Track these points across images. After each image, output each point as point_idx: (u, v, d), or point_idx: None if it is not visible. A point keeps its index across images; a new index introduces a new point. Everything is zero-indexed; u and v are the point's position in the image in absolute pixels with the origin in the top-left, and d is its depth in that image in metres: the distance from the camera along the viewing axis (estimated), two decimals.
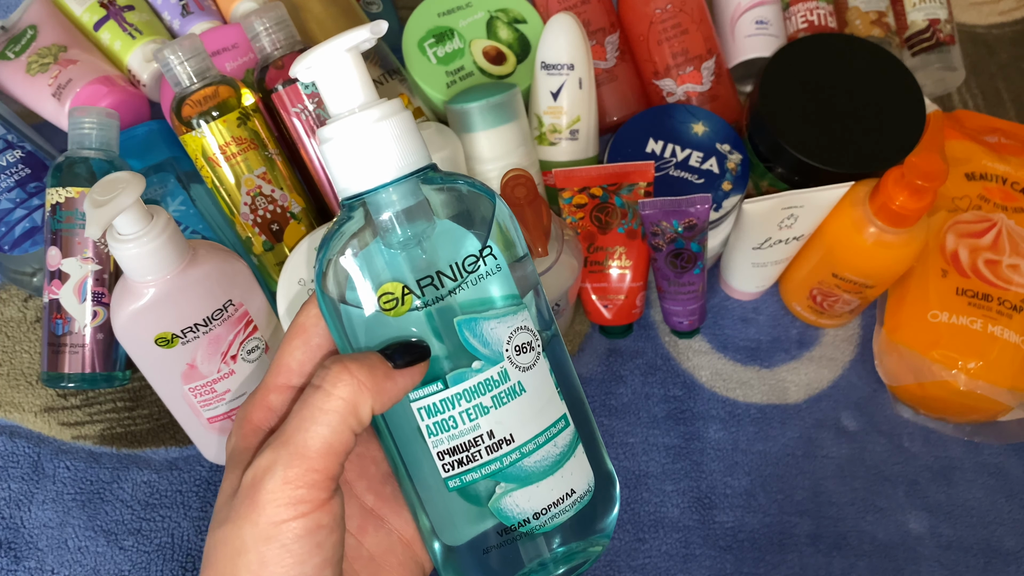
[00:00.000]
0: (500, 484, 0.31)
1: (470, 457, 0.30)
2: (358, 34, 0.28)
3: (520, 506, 0.31)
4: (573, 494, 0.32)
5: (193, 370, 0.48)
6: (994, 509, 0.60)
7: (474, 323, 0.30)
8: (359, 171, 0.28)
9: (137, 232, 0.42)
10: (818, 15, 0.67)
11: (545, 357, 0.32)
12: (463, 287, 0.30)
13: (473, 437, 0.30)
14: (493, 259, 0.30)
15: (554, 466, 0.31)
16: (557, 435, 0.32)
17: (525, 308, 0.31)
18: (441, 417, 0.30)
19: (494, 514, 0.31)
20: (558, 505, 0.32)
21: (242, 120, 0.53)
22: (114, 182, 0.41)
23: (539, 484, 0.31)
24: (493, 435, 0.30)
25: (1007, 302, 0.57)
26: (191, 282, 0.45)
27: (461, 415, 0.30)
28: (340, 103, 0.29)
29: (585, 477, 0.33)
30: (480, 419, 0.30)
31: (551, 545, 0.32)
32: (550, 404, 0.32)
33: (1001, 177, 0.62)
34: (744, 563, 0.57)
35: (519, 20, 0.64)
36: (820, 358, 0.64)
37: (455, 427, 0.30)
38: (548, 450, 0.31)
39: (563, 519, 0.32)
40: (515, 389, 0.30)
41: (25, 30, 0.65)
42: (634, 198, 0.56)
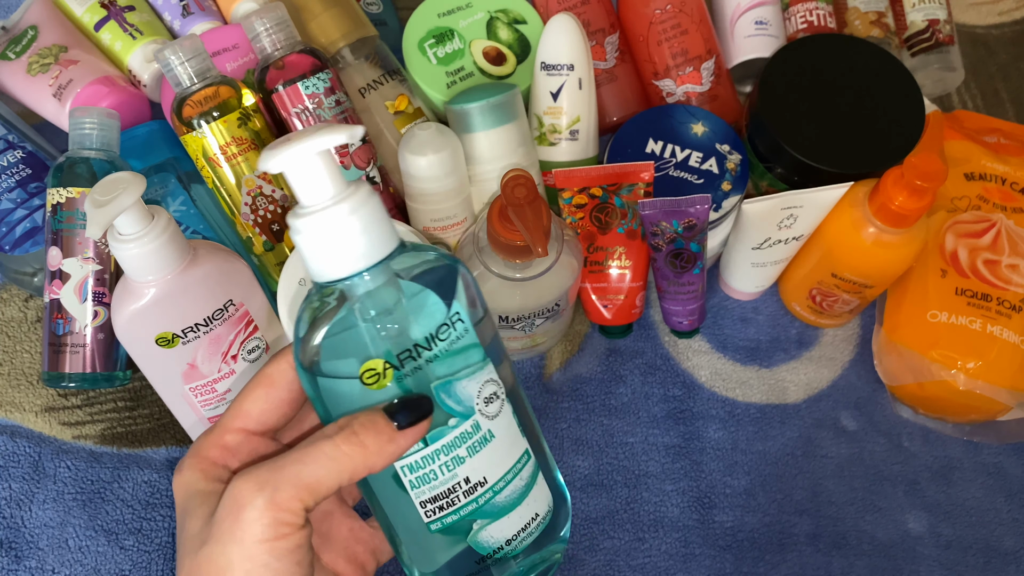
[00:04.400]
0: (477, 521, 0.34)
1: (449, 503, 0.33)
2: (333, 138, 0.29)
3: (495, 537, 0.34)
4: (537, 517, 0.36)
5: (194, 370, 0.49)
6: (993, 509, 0.60)
7: (449, 385, 0.32)
8: (333, 261, 0.30)
9: (138, 232, 0.42)
10: (817, 15, 0.67)
11: (508, 401, 0.34)
12: (438, 355, 0.32)
13: (452, 485, 0.33)
14: (461, 323, 0.33)
15: (521, 496, 0.35)
16: (522, 469, 0.35)
17: (490, 362, 0.34)
18: (423, 472, 0.32)
19: (472, 547, 0.34)
20: (526, 529, 0.35)
21: (243, 120, 0.53)
22: (115, 182, 0.41)
23: (510, 515, 0.34)
24: (469, 480, 0.33)
25: (1006, 302, 0.57)
26: (192, 282, 0.45)
27: (440, 468, 0.32)
28: (311, 197, 0.29)
29: (546, 500, 0.36)
30: (457, 468, 0.33)
31: (519, 562, 0.35)
32: (515, 443, 0.35)
33: (1000, 177, 0.62)
34: (744, 562, 0.58)
35: (519, 21, 0.65)
36: (819, 358, 0.64)
37: (435, 479, 0.33)
38: (516, 484, 0.35)
39: (530, 540, 0.35)
40: (486, 437, 0.33)
41: (26, 30, 0.65)
42: (634, 198, 0.56)
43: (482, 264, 0.51)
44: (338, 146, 0.30)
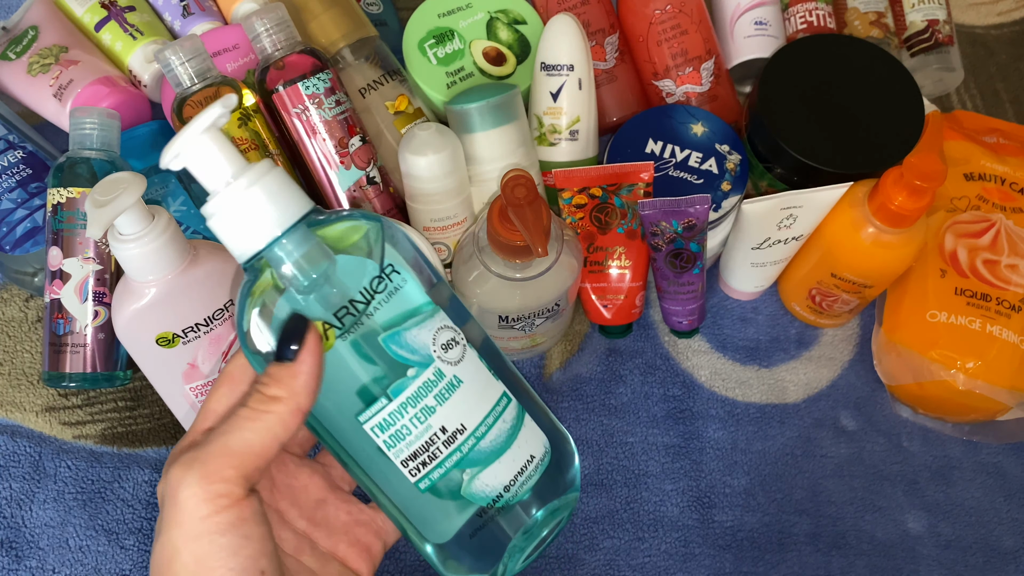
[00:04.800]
0: (466, 471, 0.33)
1: (431, 456, 0.32)
2: (211, 112, 0.30)
3: (490, 485, 0.33)
4: (533, 459, 0.35)
5: (194, 370, 0.49)
6: (993, 508, 0.60)
7: (397, 336, 0.32)
8: (247, 235, 0.30)
9: (138, 232, 0.42)
10: (817, 16, 0.67)
11: (471, 347, 0.34)
12: (378, 307, 0.32)
13: (429, 437, 0.32)
14: (397, 274, 0.33)
15: (509, 440, 0.34)
16: (503, 411, 0.34)
17: (440, 310, 0.34)
18: (394, 429, 0.32)
19: (469, 500, 0.33)
20: (524, 472, 0.34)
21: (243, 121, 0.53)
22: (115, 182, 0.41)
23: (501, 460, 0.34)
24: (446, 430, 0.32)
25: (1006, 302, 0.57)
26: (192, 282, 0.46)
27: (412, 421, 0.32)
28: (213, 181, 0.30)
29: (540, 441, 0.35)
30: (430, 419, 0.32)
31: (529, 512, 0.34)
32: (489, 387, 0.34)
33: (1000, 177, 0.62)
34: (743, 562, 0.58)
35: (519, 21, 0.65)
36: (819, 358, 0.64)
37: (410, 433, 0.32)
38: (499, 427, 0.34)
39: (532, 483, 0.34)
40: (453, 383, 0.33)
41: (26, 31, 0.66)
42: (634, 198, 0.57)
43: (482, 264, 0.51)
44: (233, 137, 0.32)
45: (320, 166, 0.56)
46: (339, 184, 0.56)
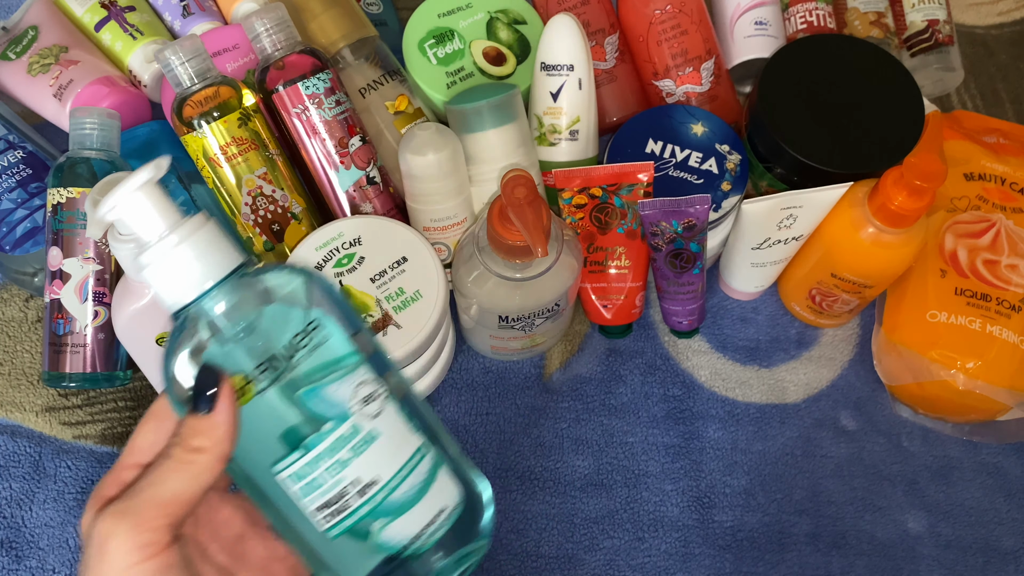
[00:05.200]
0: (376, 521, 0.34)
1: (343, 506, 0.33)
2: (144, 174, 0.32)
3: (400, 534, 0.34)
4: (444, 511, 0.35)
5: None
6: (993, 508, 0.60)
7: (316, 391, 0.33)
8: (177, 288, 0.31)
9: None
10: (817, 16, 0.67)
11: (392, 399, 0.35)
12: (301, 360, 0.32)
13: (341, 489, 0.33)
14: (321, 329, 0.33)
15: (421, 492, 0.35)
16: (418, 464, 0.35)
17: (363, 363, 0.34)
18: (307, 480, 0.33)
19: (378, 548, 0.34)
20: (433, 523, 0.35)
21: (243, 121, 0.53)
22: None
23: (412, 511, 0.34)
24: (359, 482, 0.33)
25: (1006, 302, 0.57)
26: None
27: (325, 473, 0.33)
28: (147, 233, 0.32)
29: (453, 492, 0.36)
30: (343, 472, 0.33)
31: (437, 559, 0.35)
32: (405, 440, 0.35)
33: (1000, 177, 0.62)
34: (743, 562, 0.58)
35: (519, 21, 0.65)
36: (819, 358, 0.64)
37: (322, 485, 0.33)
38: (412, 480, 0.35)
39: (441, 533, 0.35)
40: (369, 437, 0.33)
41: (26, 31, 0.66)
42: (633, 198, 0.57)
43: (482, 264, 0.51)
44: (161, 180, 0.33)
45: (320, 166, 0.56)
46: (339, 184, 0.56)
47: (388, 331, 0.50)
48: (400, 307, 0.50)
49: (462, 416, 0.61)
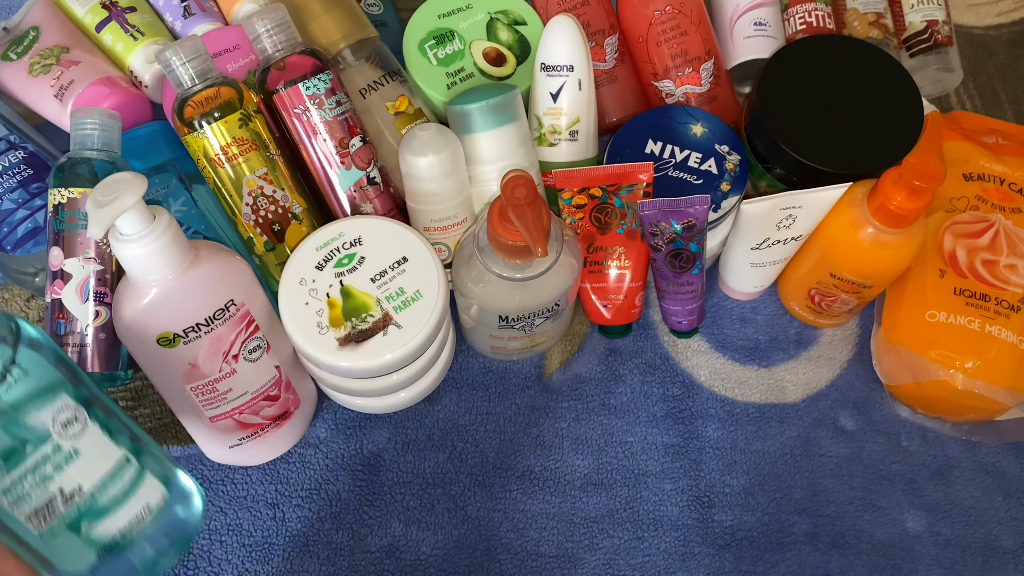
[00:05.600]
0: (85, 521, 0.40)
1: (51, 512, 0.39)
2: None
3: (108, 531, 0.41)
4: (150, 507, 0.43)
5: (195, 370, 0.49)
6: (992, 508, 0.60)
7: (15, 421, 0.38)
8: None
9: (139, 232, 0.43)
10: (816, 16, 0.67)
11: (95, 420, 0.41)
12: (6, 390, 0.38)
13: (48, 499, 0.39)
14: (20, 369, 0.38)
15: (126, 494, 0.42)
16: (122, 472, 0.42)
17: (64, 393, 0.39)
18: (15, 494, 0.38)
19: (91, 543, 0.41)
20: (140, 520, 0.43)
21: (244, 121, 0.53)
22: (116, 183, 0.41)
23: (118, 511, 0.42)
24: (63, 491, 0.40)
25: (1004, 302, 0.57)
26: (193, 282, 0.46)
27: (31, 487, 0.39)
28: None
29: (158, 492, 0.44)
30: (48, 485, 0.39)
31: (147, 548, 0.43)
32: (107, 453, 0.41)
33: (999, 178, 0.62)
34: (743, 561, 0.58)
35: (519, 22, 0.65)
36: (818, 358, 0.64)
37: (30, 497, 0.39)
38: (117, 485, 0.42)
39: (148, 527, 0.43)
40: (71, 454, 0.40)
41: (27, 31, 0.66)
42: (633, 199, 0.57)
43: (482, 264, 0.52)
44: None
45: (320, 166, 0.56)
46: (339, 184, 0.56)
47: (388, 331, 0.50)
48: (400, 307, 0.50)
49: (462, 416, 0.61)
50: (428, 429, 0.61)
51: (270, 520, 0.58)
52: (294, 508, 0.58)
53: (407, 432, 0.60)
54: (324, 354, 0.49)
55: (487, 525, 0.58)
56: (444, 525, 0.58)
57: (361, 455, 0.60)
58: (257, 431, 0.54)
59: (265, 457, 0.58)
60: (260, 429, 0.54)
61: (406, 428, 0.60)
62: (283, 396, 0.54)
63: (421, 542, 0.57)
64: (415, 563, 0.57)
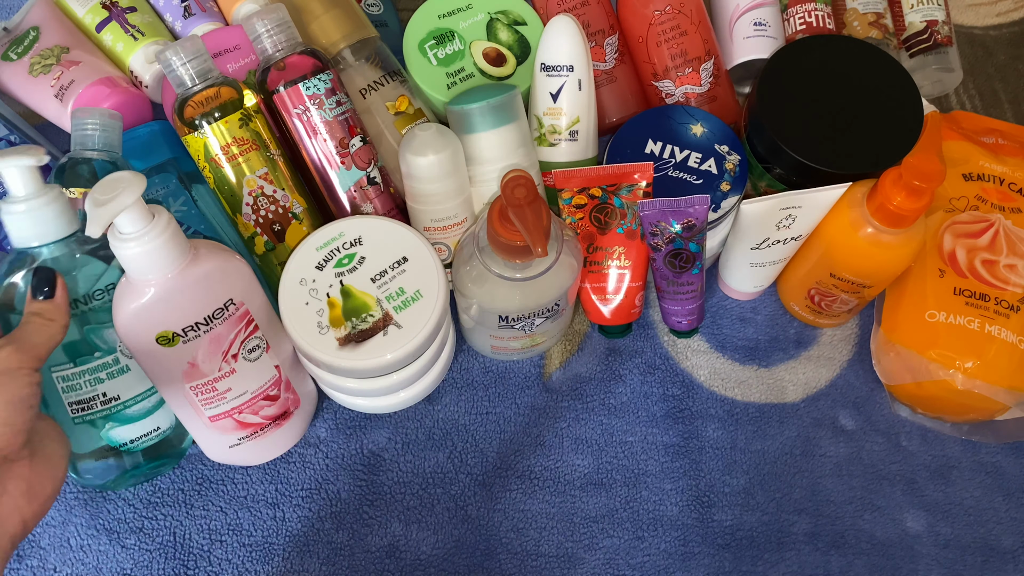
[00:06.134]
0: (110, 422, 0.51)
1: (89, 407, 0.51)
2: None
3: (121, 436, 0.52)
4: (158, 429, 0.54)
5: (194, 369, 0.49)
6: (991, 507, 0.60)
7: (98, 330, 0.50)
8: (26, 237, 0.48)
9: (139, 231, 0.43)
10: (816, 16, 0.67)
11: None
12: (92, 308, 0.50)
13: (91, 396, 0.51)
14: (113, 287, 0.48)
15: (147, 413, 0.53)
16: (150, 396, 0.53)
17: None
18: (70, 383, 0.50)
19: (104, 439, 0.52)
20: (148, 436, 0.53)
21: (244, 121, 0.53)
22: (115, 182, 0.41)
23: (136, 423, 0.52)
24: (106, 395, 0.51)
25: (1004, 302, 0.57)
26: (192, 281, 0.46)
27: (84, 383, 0.50)
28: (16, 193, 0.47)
29: (168, 419, 0.54)
30: (97, 386, 0.50)
31: (140, 458, 0.53)
32: (146, 379, 0.52)
33: (998, 178, 0.62)
34: (742, 561, 0.58)
35: (519, 22, 0.65)
36: (818, 358, 0.64)
37: (80, 390, 0.50)
38: (143, 404, 0.52)
39: (152, 442, 0.53)
40: (123, 369, 0.51)
41: (28, 31, 0.66)
42: (633, 199, 0.57)
43: (482, 264, 0.52)
44: None
45: (321, 166, 0.56)
46: (339, 184, 0.56)
47: (388, 331, 0.50)
48: (400, 307, 0.50)
49: (462, 415, 0.61)
50: (428, 429, 0.61)
51: (270, 520, 0.58)
52: (294, 508, 0.58)
53: (407, 432, 0.60)
54: (324, 354, 0.49)
55: (487, 525, 0.58)
56: (444, 525, 0.58)
57: (361, 455, 0.60)
58: (257, 431, 0.54)
59: (265, 457, 0.58)
60: (260, 429, 0.54)
61: (406, 428, 0.61)
62: (283, 396, 0.54)
63: (421, 542, 0.57)
64: (415, 563, 0.57)
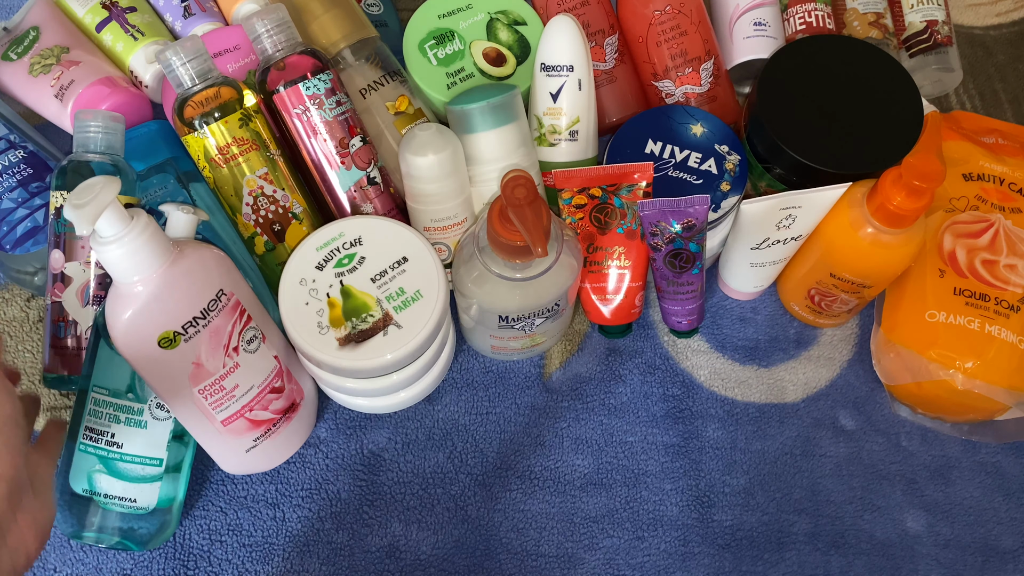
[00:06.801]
0: (99, 465, 0.52)
1: (95, 438, 0.52)
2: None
3: (101, 484, 0.52)
4: (134, 502, 0.52)
5: (200, 369, 0.48)
6: (991, 508, 0.60)
7: (139, 380, 0.52)
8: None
9: (120, 232, 0.42)
10: (816, 16, 0.67)
11: (174, 422, 0.53)
12: None
13: (103, 430, 0.52)
14: None
15: (137, 479, 0.52)
16: (149, 464, 0.52)
17: None
18: (98, 408, 0.52)
19: (87, 479, 0.52)
20: (121, 500, 0.52)
21: (244, 121, 0.53)
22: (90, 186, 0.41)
23: (120, 481, 0.52)
24: (114, 437, 0.52)
25: (1004, 302, 0.57)
26: (180, 275, 0.45)
27: (106, 415, 0.52)
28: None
29: (149, 498, 0.53)
30: (112, 425, 0.52)
31: (102, 522, 0.52)
32: (156, 447, 0.52)
33: (998, 178, 0.62)
34: (742, 561, 0.58)
35: (519, 22, 0.65)
36: (818, 358, 0.64)
37: (99, 418, 0.52)
38: (138, 469, 0.52)
39: (118, 509, 0.52)
40: (142, 422, 0.52)
41: (28, 31, 0.66)
42: (633, 199, 0.57)
43: (482, 264, 0.52)
44: None
45: (321, 166, 0.56)
46: (339, 184, 0.56)
47: (388, 331, 0.50)
48: (400, 307, 0.50)
49: (462, 415, 0.61)
50: (428, 429, 0.61)
51: (270, 520, 0.58)
52: (294, 508, 0.58)
53: (407, 432, 0.60)
54: (324, 354, 0.49)
55: (487, 525, 0.58)
56: (444, 525, 0.58)
57: (361, 455, 0.60)
58: (270, 427, 0.54)
59: (279, 458, 0.57)
60: (272, 425, 0.54)
61: (406, 428, 0.61)
62: (287, 387, 0.54)
63: (421, 542, 0.57)
64: (415, 563, 0.57)
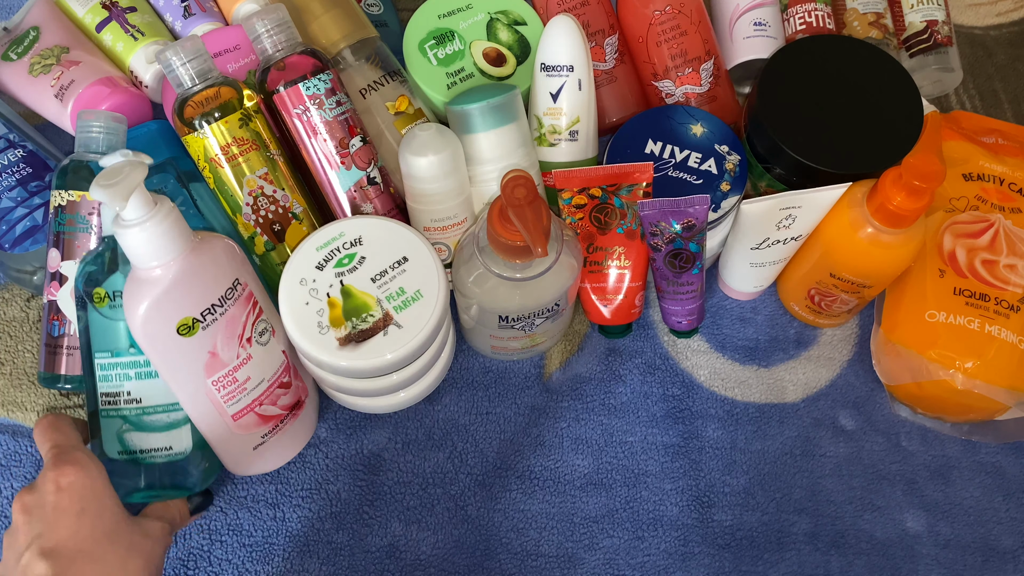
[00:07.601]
0: (126, 424, 0.51)
1: (113, 402, 0.51)
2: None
3: (133, 442, 0.51)
4: (171, 448, 0.51)
5: (215, 358, 0.48)
6: (991, 508, 0.60)
7: None
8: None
9: (145, 215, 0.43)
10: (816, 16, 0.67)
11: None
12: None
13: (118, 391, 0.51)
14: None
15: (164, 428, 0.51)
16: (172, 411, 0.51)
17: None
18: (106, 372, 0.50)
19: (118, 440, 0.51)
20: (158, 451, 0.51)
21: (244, 121, 0.53)
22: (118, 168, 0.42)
23: (150, 434, 0.51)
24: (130, 394, 0.51)
25: (1004, 302, 0.57)
26: (200, 262, 0.46)
27: (115, 375, 0.50)
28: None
29: (185, 442, 0.52)
30: (125, 383, 0.50)
31: (148, 478, 0.51)
32: (170, 392, 0.50)
33: (998, 178, 0.62)
34: (742, 561, 0.58)
35: (519, 22, 0.65)
36: (818, 358, 0.64)
37: (110, 381, 0.50)
38: (162, 417, 0.51)
39: (159, 460, 0.51)
40: (151, 373, 0.50)
41: (28, 31, 0.66)
42: (633, 199, 0.57)
43: (482, 264, 0.52)
44: None
45: (321, 166, 0.56)
46: (339, 184, 0.56)
47: (388, 331, 0.50)
48: (401, 307, 0.50)
49: (462, 415, 0.61)
50: (428, 429, 0.61)
51: (270, 520, 0.58)
52: (294, 508, 0.58)
53: (407, 432, 0.60)
54: (324, 354, 0.49)
55: (487, 525, 0.58)
56: (444, 525, 0.58)
57: (361, 455, 0.60)
58: (277, 423, 0.54)
59: (285, 456, 0.57)
60: (279, 421, 0.54)
61: (406, 428, 0.61)
62: (294, 383, 0.54)
63: (421, 542, 0.57)
64: (415, 563, 0.57)
